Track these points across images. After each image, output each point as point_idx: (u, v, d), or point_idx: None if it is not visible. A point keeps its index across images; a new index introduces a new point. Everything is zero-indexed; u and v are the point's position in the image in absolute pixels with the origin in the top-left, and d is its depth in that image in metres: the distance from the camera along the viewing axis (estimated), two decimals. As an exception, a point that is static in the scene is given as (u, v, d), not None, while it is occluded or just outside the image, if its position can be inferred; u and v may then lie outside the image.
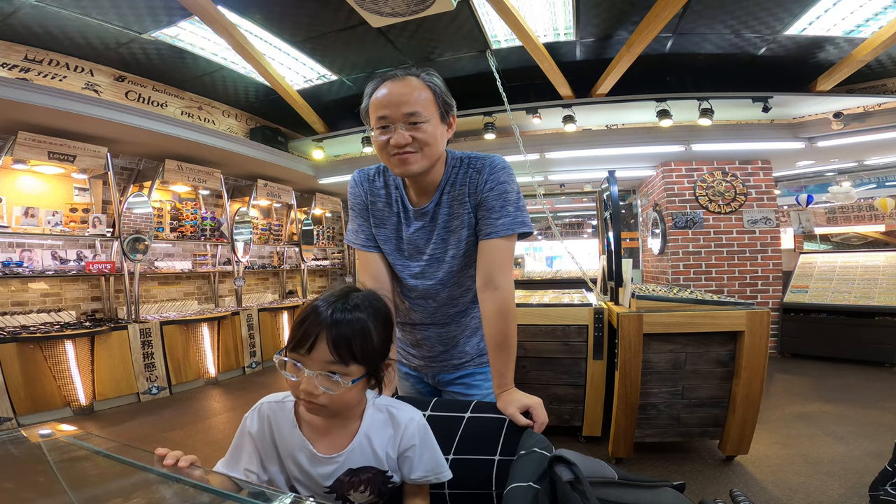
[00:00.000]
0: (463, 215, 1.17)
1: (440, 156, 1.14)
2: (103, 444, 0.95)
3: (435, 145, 1.10)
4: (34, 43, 3.76)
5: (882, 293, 4.92)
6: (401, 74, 1.08)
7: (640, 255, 6.94)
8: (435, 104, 1.09)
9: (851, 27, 3.69)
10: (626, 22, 3.68)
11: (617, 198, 3.09)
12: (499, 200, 1.13)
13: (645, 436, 2.64)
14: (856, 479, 2.35)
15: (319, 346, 0.80)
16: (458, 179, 1.17)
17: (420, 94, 1.07)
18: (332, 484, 0.89)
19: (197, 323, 4.78)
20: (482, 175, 1.15)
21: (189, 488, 0.76)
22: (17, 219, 3.77)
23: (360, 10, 3.17)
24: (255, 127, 5.69)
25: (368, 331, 0.85)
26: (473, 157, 1.18)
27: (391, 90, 1.06)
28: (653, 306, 2.55)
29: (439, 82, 1.11)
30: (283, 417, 0.90)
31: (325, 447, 0.89)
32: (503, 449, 1.05)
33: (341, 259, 8.06)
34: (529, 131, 5.13)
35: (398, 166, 1.10)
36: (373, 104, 1.09)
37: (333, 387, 0.80)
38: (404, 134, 1.06)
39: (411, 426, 0.92)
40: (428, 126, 1.07)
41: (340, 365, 0.81)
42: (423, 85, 1.08)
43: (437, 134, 1.09)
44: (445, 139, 1.15)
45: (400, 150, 1.07)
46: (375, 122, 1.09)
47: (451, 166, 1.18)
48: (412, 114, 1.05)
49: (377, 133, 1.09)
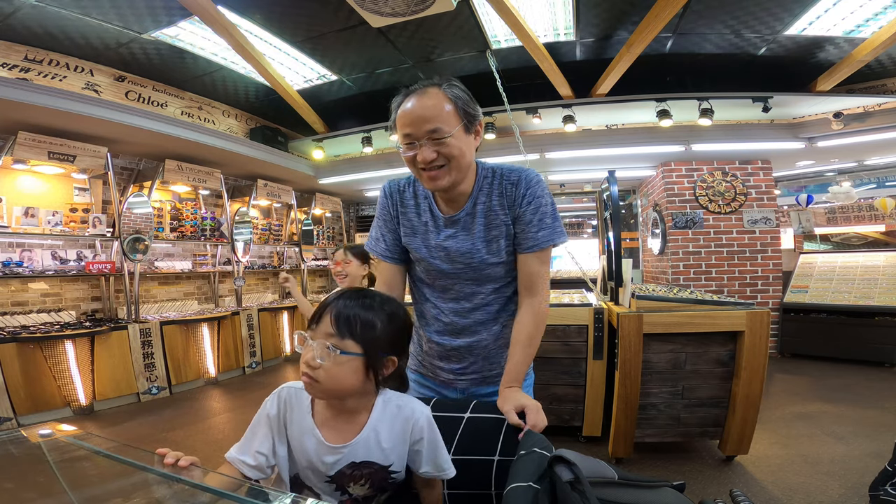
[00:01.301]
0: (501, 226, 1.19)
1: (469, 167, 1.16)
2: (103, 444, 0.95)
3: (461, 157, 1.10)
4: (34, 43, 3.76)
5: (882, 293, 4.92)
6: (422, 87, 1.10)
7: (640, 255, 6.94)
8: (457, 116, 1.09)
9: (851, 27, 3.69)
10: (626, 22, 3.68)
11: (617, 198, 3.08)
12: (537, 214, 1.16)
13: (645, 436, 2.64)
14: (856, 479, 2.35)
15: (324, 319, 0.88)
16: (493, 190, 1.18)
17: (442, 108, 1.07)
18: (333, 475, 0.91)
19: (197, 323, 4.78)
20: (519, 189, 1.17)
21: (189, 488, 0.76)
22: (17, 219, 3.77)
23: (360, 10, 3.17)
24: (255, 127, 5.69)
25: (372, 320, 0.89)
26: (506, 170, 1.20)
27: (413, 106, 1.08)
28: (653, 306, 2.55)
29: (460, 93, 1.11)
30: (299, 403, 0.94)
31: (332, 437, 0.91)
32: (503, 449, 1.05)
33: (341, 259, 8.06)
34: (529, 131, 5.13)
35: (428, 182, 1.13)
36: (398, 120, 1.11)
37: (328, 358, 0.85)
38: (430, 150, 1.07)
39: (421, 420, 0.95)
40: (452, 140, 1.08)
41: (337, 338, 0.86)
42: (445, 97, 1.08)
43: (462, 146, 1.10)
44: (473, 148, 1.15)
45: (428, 167, 1.09)
46: (402, 139, 1.11)
47: (482, 176, 1.19)
48: (434, 130, 1.07)
49: (404, 149, 1.11)
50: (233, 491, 0.75)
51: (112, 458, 0.88)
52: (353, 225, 8.19)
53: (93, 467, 0.91)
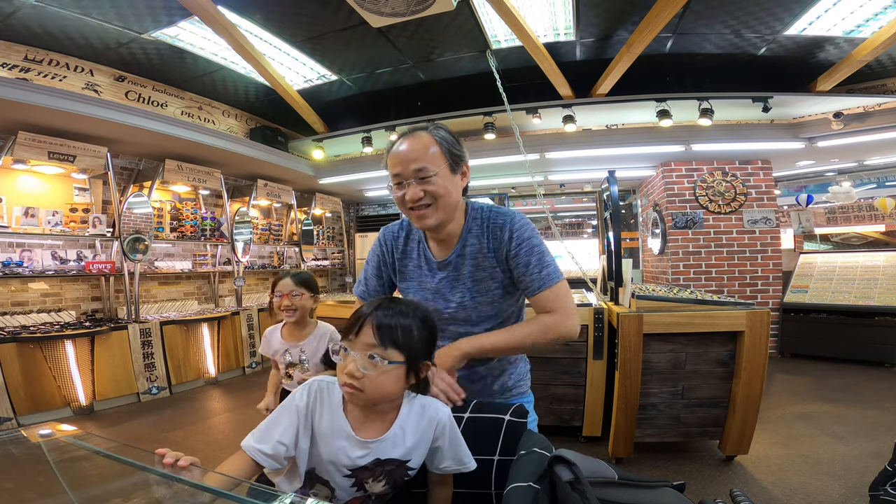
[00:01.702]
0: (488, 269, 1.21)
1: (456, 206, 1.20)
2: (103, 444, 0.95)
3: (447, 196, 1.15)
4: (34, 43, 3.76)
5: (882, 293, 4.92)
6: (411, 131, 1.17)
7: (640, 255, 6.94)
8: (443, 157, 1.14)
9: (851, 27, 3.69)
10: (626, 22, 3.68)
11: (617, 198, 3.09)
12: (533, 255, 1.17)
13: (645, 436, 2.64)
14: (856, 479, 2.35)
15: (364, 330, 0.90)
16: (482, 232, 1.22)
17: (428, 149, 1.13)
18: (355, 469, 0.93)
19: (197, 323, 4.78)
20: (504, 233, 1.19)
21: (189, 488, 0.76)
22: (17, 219, 3.77)
23: (360, 10, 3.17)
24: (255, 127, 5.69)
25: (410, 326, 0.93)
26: (494, 212, 1.23)
27: (402, 148, 1.15)
28: (653, 306, 2.55)
29: (445, 134, 1.17)
30: (330, 397, 0.97)
31: (362, 433, 0.94)
32: (502, 449, 1.06)
33: (341, 259, 8.06)
34: (529, 131, 5.13)
35: (416, 220, 1.17)
36: (389, 161, 1.17)
37: (372, 368, 0.88)
38: (417, 189, 1.12)
39: (444, 418, 0.99)
40: (437, 179, 1.13)
41: (381, 348, 0.89)
42: (431, 139, 1.15)
43: (448, 185, 1.15)
44: (459, 188, 1.19)
45: (415, 205, 1.14)
46: (392, 179, 1.16)
47: (470, 217, 1.23)
48: (420, 169, 1.12)
49: (395, 189, 1.16)
50: (233, 491, 0.75)
51: (112, 458, 0.88)
52: (353, 225, 8.19)
53: (93, 467, 0.91)
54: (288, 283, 2.00)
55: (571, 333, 1.15)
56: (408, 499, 1.05)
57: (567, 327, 1.15)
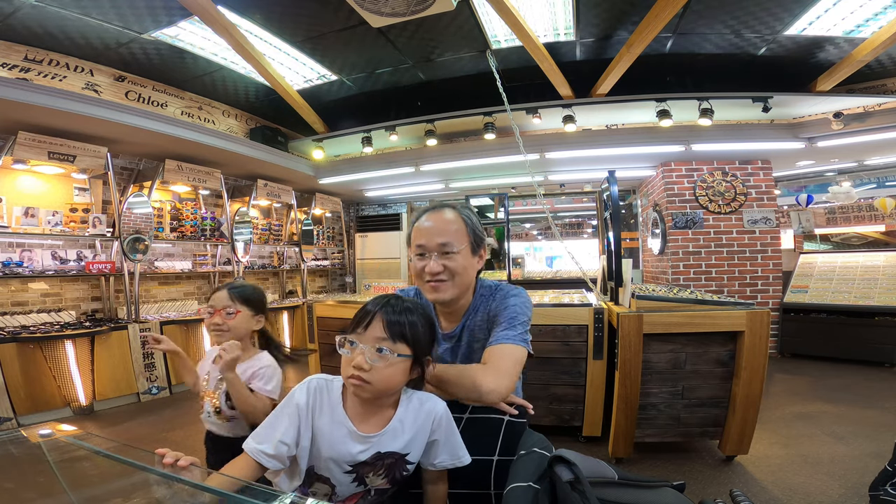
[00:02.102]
0: (482, 340, 1.24)
1: (470, 284, 1.25)
2: (103, 444, 0.95)
3: (464, 274, 1.20)
4: (34, 43, 3.75)
5: (882, 293, 4.92)
6: (439, 206, 1.23)
7: (640, 255, 6.94)
8: (467, 236, 1.21)
9: (851, 27, 3.69)
10: (626, 22, 3.68)
11: (617, 198, 3.09)
12: (507, 314, 1.20)
13: (645, 436, 2.64)
14: (856, 479, 2.35)
15: (374, 324, 0.93)
16: (483, 308, 1.27)
17: (453, 226, 1.19)
18: (356, 465, 0.94)
19: (197, 323, 4.78)
20: (496, 301, 1.25)
21: (189, 488, 0.76)
22: (17, 219, 3.77)
23: (360, 10, 3.17)
24: (255, 127, 5.69)
25: (416, 322, 0.97)
26: (497, 288, 1.28)
27: (430, 222, 1.21)
28: (653, 306, 2.55)
29: (472, 216, 1.24)
30: (330, 394, 0.99)
31: (362, 428, 0.96)
32: (502, 449, 1.06)
33: (341, 259, 8.06)
34: (529, 131, 5.13)
35: (430, 292, 1.21)
36: (414, 233, 1.23)
37: (381, 360, 0.91)
38: (438, 262, 1.17)
39: (440, 412, 1.01)
40: (459, 257, 1.18)
41: (390, 342, 0.92)
42: (458, 217, 1.21)
43: (466, 264, 1.20)
44: (476, 269, 1.25)
45: (433, 278, 1.18)
46: (414, 250, 1.22)
47: (478, 294, 1.28)
48: (445, 244, 1.17)
49: (415, 259, 1.21)
50: (233, 491, 0.75)
51: (112, 458, 0.88)
52: (353, 225, 8.19)
53: (93, 467, 0.91)
54: (223, 296, 1.59)
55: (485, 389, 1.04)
56: (406, 499, 1.05)
57: (484, 382, 1.05)
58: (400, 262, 7.48)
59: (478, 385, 1.05)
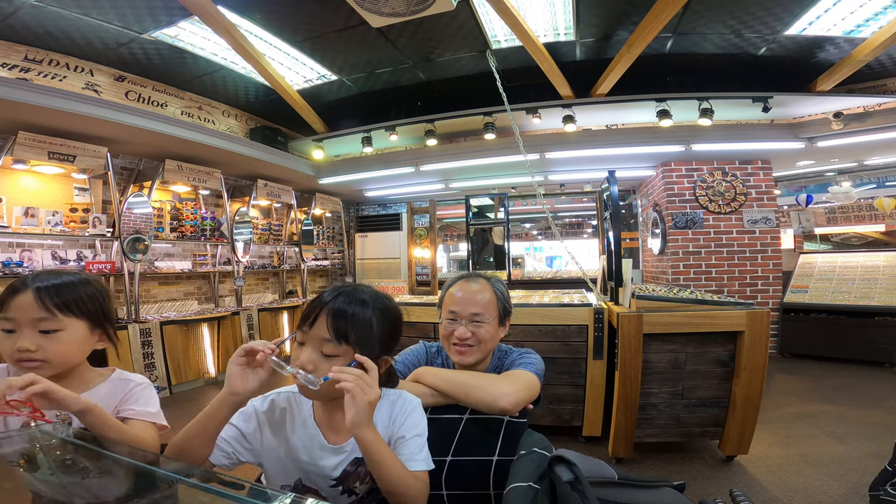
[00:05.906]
0: None
1: (492, 351, 1.33)
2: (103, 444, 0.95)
3: (490, 342, 1.28)
4: (34, 43, 3.75)
5: (882, 293, 4.92)
6: (473, 276, 1.33)
7: (640, 255, 6.94)
8: (496, 307, 1.29)
9: (851, 27, 3.69)
10: (626, 22, 3.68)
11: (617, 198, 3.09)
12: (522, 362, 1.29)
13: (645, 436, 2.64)
14: (856, 479, 2.35)
15: (319, 322, 0.86)
16: (496, 365, 1.34)
17: (485, 296, 1.28)
18: (339, 475, 0.91)
19: (197, 323, 4.78)
20: (510, 358, 1.33)
21: (189, 488, 0.76)
22: (17, 219, 3.77)
23: (360, 10, 3.17)
24: (255, 127, 5.69)
25: (369, 322, 0.88)
26: (510, 351, 1.36)
27: (464, 291, 1.29)
28: (653, 306, 2.55)
29: (503, 288, 1.34)
30: (300, 409, 0.95)
31: (334, 438, 0.92)
32: (501, 449, 1.05)
33: (341, 259, 8.06)
34: (529, 131, 5.13)
35: (456, 355, 1.27)
36: (447, 299, 1.31)
37: (325, 363, 0.84)
38: (467, 330, 1.24)
39: (409, 409, 0.96)
40: (488, 326, 1.26)
41: (334, 344, 0.85)
42: (490, 288, 1.30)
43: (493, 333, 1.28)
44: (499, 338, 1.32)
45: (460, 343, 1.25)
46: (446, 315, 1.29)
47: (496, 357, 1.35)
48: (476, 314, 1.25)
49: (446, 323, 1.29)
50: (233, 491, 0.75)
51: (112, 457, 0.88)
52: (353, 225, 8.19)
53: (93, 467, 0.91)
54: (28, 302, 0.91)
55: (497, 396, 1.08)
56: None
57: (498, 388, 1.11)
58: (400, 262, 7.47)
59: (490, 389, 1.12)
